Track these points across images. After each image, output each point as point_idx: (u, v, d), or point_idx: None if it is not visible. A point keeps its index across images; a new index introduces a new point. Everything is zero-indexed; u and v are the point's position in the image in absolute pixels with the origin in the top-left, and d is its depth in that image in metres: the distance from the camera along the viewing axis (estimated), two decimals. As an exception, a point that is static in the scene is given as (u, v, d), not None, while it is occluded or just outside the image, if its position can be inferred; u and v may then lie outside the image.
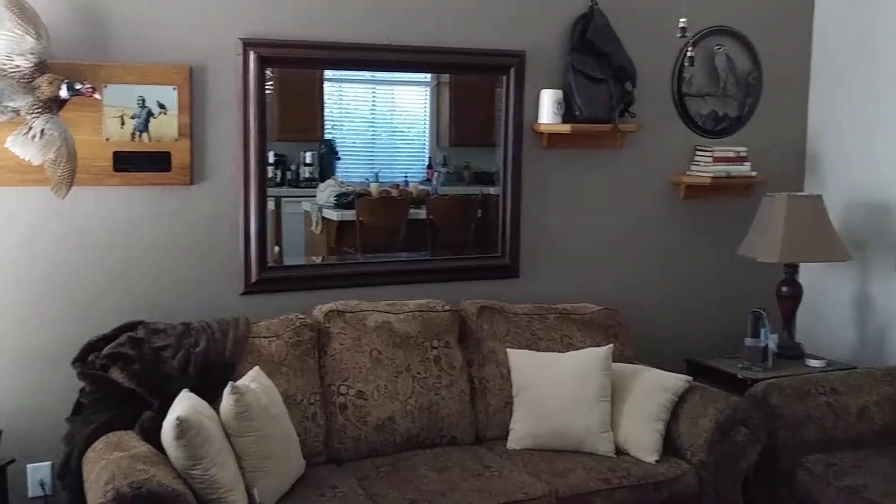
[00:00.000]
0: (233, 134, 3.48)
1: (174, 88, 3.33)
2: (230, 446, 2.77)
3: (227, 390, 2.80)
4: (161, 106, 3.32)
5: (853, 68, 4.28)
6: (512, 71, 3.89)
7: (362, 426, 3.29)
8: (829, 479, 3.29)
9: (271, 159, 3.66)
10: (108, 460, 2.62)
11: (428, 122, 4.06)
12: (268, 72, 3.51)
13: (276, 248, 3.71)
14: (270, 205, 3.63)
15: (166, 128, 3.33)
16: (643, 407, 3.39)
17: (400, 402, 3.35)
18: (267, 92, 3.52)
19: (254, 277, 3.55)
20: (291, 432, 3.04)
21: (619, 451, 3.35)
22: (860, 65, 4.25)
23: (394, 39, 3.66)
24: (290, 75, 3.70)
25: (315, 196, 3.89)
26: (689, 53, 2.58)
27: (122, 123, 3.27)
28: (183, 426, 2.59)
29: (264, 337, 3.27)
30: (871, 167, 4.20)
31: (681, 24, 2.25)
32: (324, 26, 3.57)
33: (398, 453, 3.29)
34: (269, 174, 3.66)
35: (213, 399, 2.86)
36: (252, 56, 3.45)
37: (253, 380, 2.97)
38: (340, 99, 3.89)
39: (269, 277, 3.60)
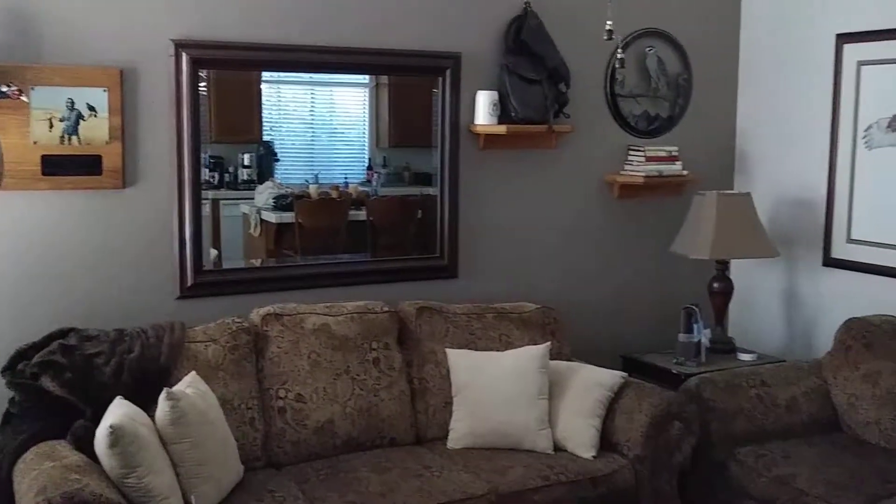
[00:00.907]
0: (166, 136, 3.43)
1: (104, 91, 3.27)
2: (166, 453, 2.73)
3: (162, 396, 2.76)
4: (91, 108, 3.26)
5: (778, 69, 4.40)
6: (448, 72, 3.91)
7: (301, 430, 3.27)
8: (760, 470, 3.38)
9: (206, 161, 3.61)
10: (40, 471, 2.56)
11: (367, 124, 4.06)
12: (202, 73, 3.47)
13: (215, 252, 3.67)
14: (206, 208, 3.59)
15: (97, 130, 3.27)
16: (580, 403, 3.44)
17: (339, 404, 3.34)
18: (202, 93, 3.49)
19: (189, 281, 3.51)
20: (229, 437, 3.01)
21: (558, 448, 3.40)
22: (784, 66, 4.37)
23: (331, 41, 3.65)
24: (227, 77, 3.67)
25: (253, 198, 3.85)
26: (619, 56, 2.64)
27: (51, 126, 3.20)
28: (116, 434, 2.55)
29: (200, 341, 3.23)
30: (797, 165, 4.33)
31: (607, 27, 2.30)
32: (260, 28, 3.55)
33: (338, 456, 3.28)
34: (207, 177, 3.62)
35: (149, 406, 2.82)
36: (184, 58, 3.41)
37: (189, 385, 2.94)
38: (279, 100, 3.88)
39: (206, 281, 3.56)
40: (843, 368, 3.73)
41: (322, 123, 3.99)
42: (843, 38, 4.06)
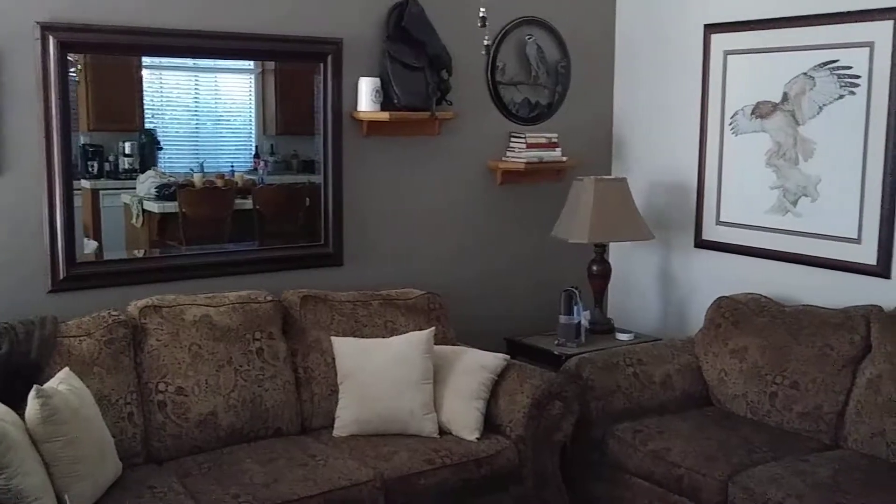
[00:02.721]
0: (34, 123, 3.29)
1: (-34, 75, 3.12)
2: (37, 453, 2.64)
3: (31, 394, 2.67)
4: (-47, 93, 3.10)
5: (651, 58, 4.56)
6: (329, 58, 3.88)
7: (183, 423, 3.22)
8: (636, 445, 3.52)
9: (83, 150, 3.51)
10: None
11: (254, 111, 3.99)
12: (72, 58, 3.34)
13: (95, 243, 3.57)
14: (83, 198, 3.48)
15: (-44, 118, 3.12)
16: (464, 387, 3.50)
17: (222, 396, 3.30)
18: (75, 79, 3.36)
19: (62, 274, 3.39)
20: (105, 434, 2.93)
21: (443, 432, 3.45)
22: (657, 55, 4.52)
23: (211, 25, 3.57)
24: (104, 61, 3.55)
25: (135, 188, 3.75)
26: (485, 42, 2.71)
27: None
28: (-18, 435, 2.45)
29: (74, 336, 3.13)
30: (670, 151, 4.49)
31: (481, 14, 2.34)
32: (136, 11, 3.44)
33: (222, 448, 3.25)
34: (87, 166, 3.51)
35: (19, 404, 2.71)
36: (51, 41, 3.27)
37: (61, 382, 2.84)
38: (161, 87, 3.76)
39: (81, 274, 3.45)
40: (713, 345, 3.91)
41: (207, 111, 3.90)
42: (711, 29, 4.24)
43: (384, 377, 3.45)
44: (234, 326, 3.42)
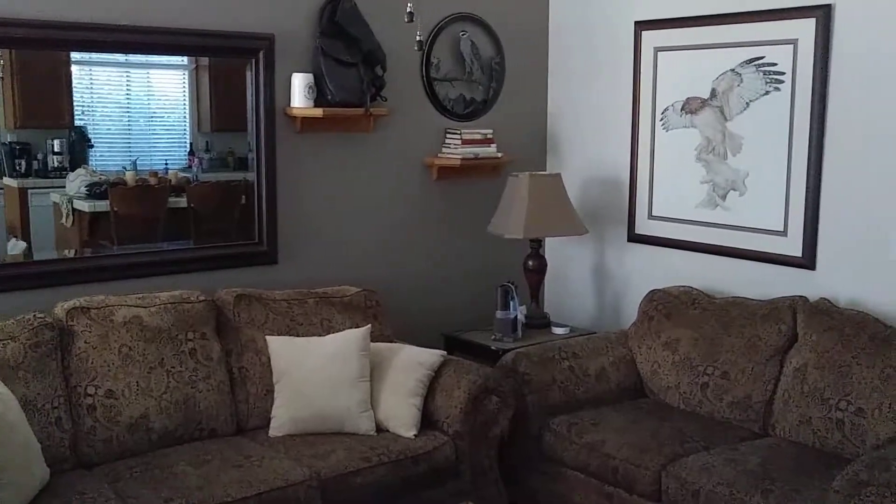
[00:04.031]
0: (-49, 121, 3.19)
1: None
2: (-42, 462, 2.56)
3: (-49, 401, 2.58)
4: None
5: (584, 54, 4.60)
6: (261, 54, 3.83)
7: (114, 427, 3.15)
8: (572, 438, 3.56)
9: (9, 148, 3.42)
10: None
11: (188, 107, 3.93)
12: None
13: (23, 244, 3.47)
14: (7, 197, 3.39)
15: None
16: (401, 384, 3.49)
17: (154, 398, 3.24)
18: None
19: (-17, 276, 3.29)
20: (31, 440, 2.85)
21: (380, 429, 3.44)
22: (589, 51, 4.57)
23: (140, 20, 3.50)
24: (30, 57, 3.45)
25: (65, 186, 3.65)
26: (417, 38, 2.71)
27: None
28: None
29: (-3, 340, 3.04)
30: (603, 146, 4.55)
31: (408, 10, 2.34)
32: (62, 4, 3.35)
33: (154, 451, 3.19)
34: (14, 164, 3.43)
35: (-62, 412, 2.63)
36: (-30, 35, 3.17)
37: (-16, 388, 2.76)
38: (91, 83, 3.67)
39: (5, 275, 3.36)
40: (646, 338, 3.97)
41: (140, 107, 3.81)
42: (642, 26, 4.29)
43: (320, 376, 3.43)
44: (166, 327, 3.36)
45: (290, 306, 3.71)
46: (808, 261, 3.76)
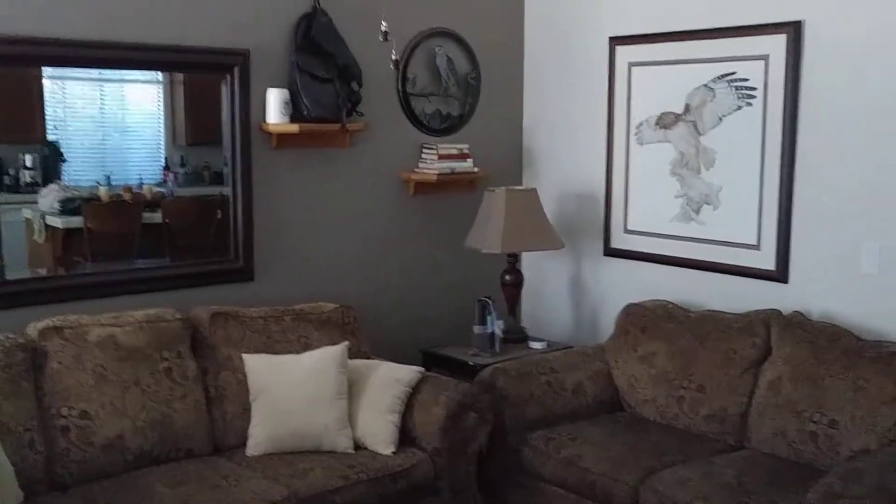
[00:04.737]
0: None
1: None
2: (-71, 487, 2.52)
3: (-78, 426, 2.54)
4: None
5: (559, 69, 4.63)
6: (236, 70, 3.82)
7: (88, 448, 3.11)
8: (550, 453, 3.57)
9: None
10: None
11: (162, 121, 3.91)
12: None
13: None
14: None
15: None
16: (379, 401, 3.48)
17: (129, 418, 3.20)
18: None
19: (-47, 298, 3.25)
20: (4, 463, 2.81)
21: (358, 447, 3.43)
22: (564, 66, 4.60)
23: (114, 36, 3.49)
24: (1, 71, 3.40)
25: (37, 202, 3.61)
26: (393, 57, 2.72)
27: None
28: None
29: (-32, 362, 3.00)
30: (577, 161, 4.58)
31: (383, 29, 2.34)
32: (34, 19, 3.32)
33: (130, 472, 3.15)
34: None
35: None
36: (-62, 51, 3.14)
37: (-45, 411, 2.72)
38: (64, 97, 3.64)
39: (-25, 296, 3.31)
40: (622, 351, 3.99)
41: (113, 121, 3.79)
42: (616, 41, 4.33)
43: (297, 393, 3.41)
44: (141, 346, 3.33)
45: (266, 323, 3.70)
46: (780, 274, 3.80)
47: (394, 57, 2.92)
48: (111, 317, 3.38)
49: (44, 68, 3.55)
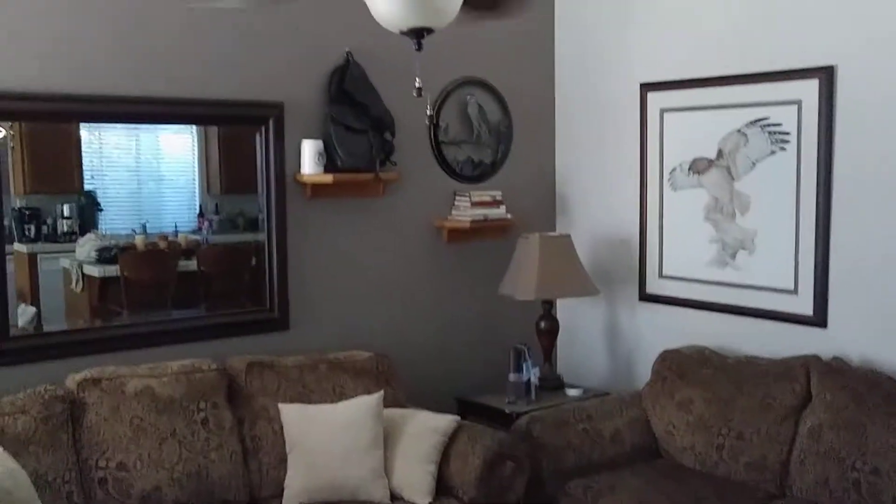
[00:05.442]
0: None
1: None
2: (-30, 541, 2.54)
3: (-36, 479, 2.57)
4: None
5: (591, 116, 4.65)
6: (271, 122, 3.88)
7: (126, 500, 3.13)
8: (588, 502, 3.51)
9: (17, 213, 3.46)
10: None
11: (197, 169, 3.96)
12: (3, 126, 3.30)
13: (33, 309, 3.48)
14: (16, 263, 3.41)
15: None
16: (415, 450, 3.46)
17: (166, 469, 3.22)
18: (10, 144, 3.32)
19: (-6, 349, 3.30)
20: (43, 516, 2.84)
21: (395, 497, 3.40)
22: (596, 112, 4.62)
23: (150, 91, 3.56)
24: (40, 125, 3.50)
25: (74, 251, 3.68)
26: (428, 112, 2.77)
27: None
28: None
29: (8, 414, 3.04)
30: (611, 206, 4.57)
31: (417, 85, 2.37)
32: (71, 78, 3.41)
33: (167, 524, 3.17)
34: (24, 229, 3.47)
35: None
36: (-19, 109, 3.23)
37: (-4, 464, 2.74)
38: (101, 147, 3.71)
39: (15, 348, 3.36)
40: (660, 398, 3.94)
41: (149, 170, 3.85)
42: (647, 87, 4.35)
43: (333, 444, 3.41)
44: (178, 397, 3.35)
45: (301, 373, 3.71)
46: (819, 319, 3.75)
47: (428, 112, 2.96)
48: (148, 368, 3.41)
49: (80, 121, 3.62)
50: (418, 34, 2.28)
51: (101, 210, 3.75)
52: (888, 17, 3.48)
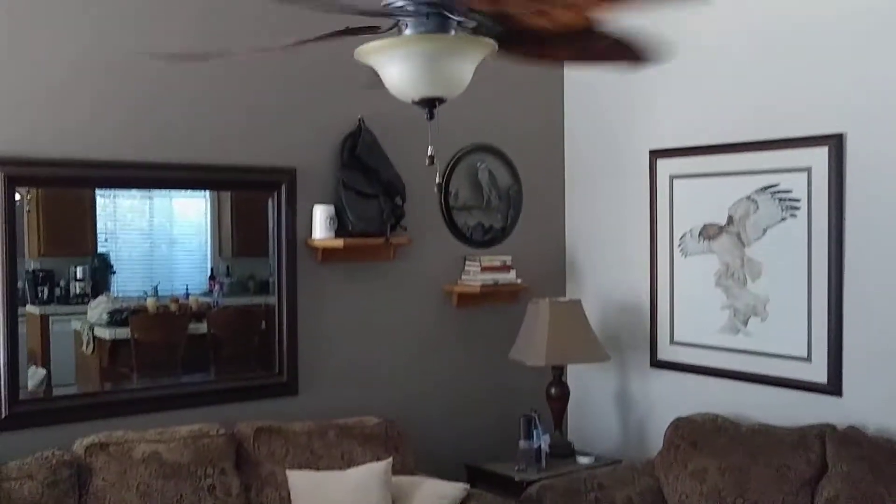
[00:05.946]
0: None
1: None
2: None
3: (-33, 547, 2.54)
4: None
5: (600, 182, 4.67)
6: (283, 187, 3.91)
7: (130, 568, 3.08)
8: (600, 575, 3.44)
9: (31, 275, 3.47)
10: None
11: (209, 232, 3.99)
12: (20, 191, 3.34)
13: (43, 371, 3.47)
14: (27, 324, 3.41)
15: None
16: (424, 519, 3.41)
17: (171, 537, 3.17)
18: (26, 208, 3.35)
19: (3, 413, 3.28)
20: (46, 585, 2.79)
21: (403, 567, 3.34)
22: (606, 179, 4.65)
23: (163, 157, 3.61)
24: (55, 189, 3.53)
25: (86, 313, 3.69)
26: (437, 180, 2.80)
27: None
28: None
29: (15, 479, 3.02)
30: (621, 272, 4.56)
31: (429, 153, 2.39)
32: (85, 144, 3.46)
33: None
34: (37, 291, 3.48)
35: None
36: (-1, 175, 3.27)
37: (0, 531, 2.72)
38: (115, 211, 3.74)
39: (24, 412, 3.34)
40: (673, 467, 3.88)
41: (161, 233, 3.88)
42: (656, 154, 4.38)
43: (341, 512, 3.36)
44: (185, 463, 3.32)
45: (310, 439, 3.67)
46: (833, 387, 3.71)
47: (438, 180, 2.97)
48: (156, 432, 3.39)
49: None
50: (430, 104, 2.30)
51: (114, 272, 3.76)
52: (896, 87, 3.52)
